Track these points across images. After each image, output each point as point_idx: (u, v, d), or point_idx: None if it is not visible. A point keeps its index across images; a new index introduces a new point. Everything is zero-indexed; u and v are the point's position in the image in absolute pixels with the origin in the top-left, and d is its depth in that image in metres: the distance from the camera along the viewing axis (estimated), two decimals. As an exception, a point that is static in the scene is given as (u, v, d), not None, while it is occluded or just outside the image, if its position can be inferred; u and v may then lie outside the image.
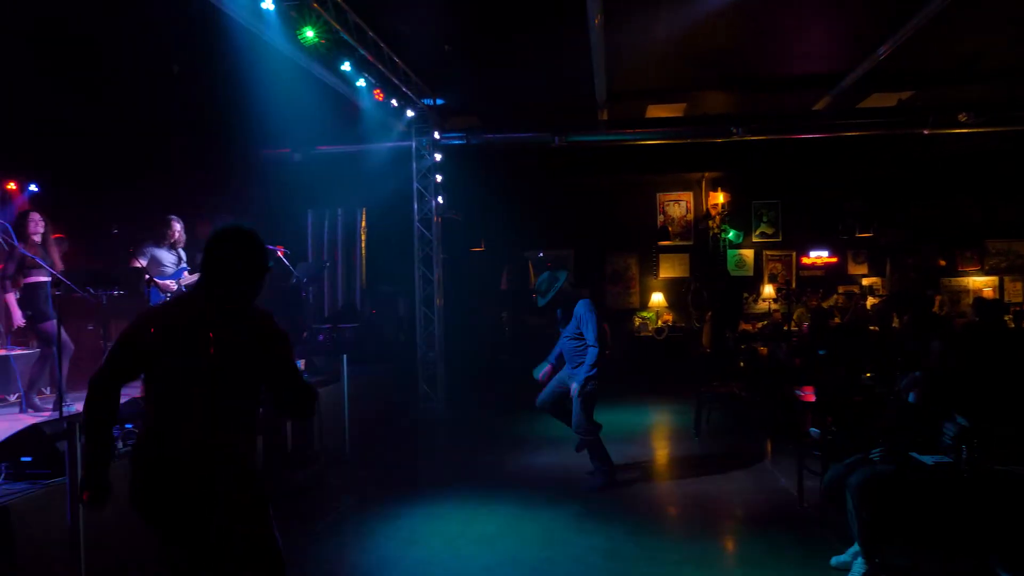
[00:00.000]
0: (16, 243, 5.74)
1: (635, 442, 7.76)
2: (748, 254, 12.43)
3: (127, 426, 4.39)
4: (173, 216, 6.86)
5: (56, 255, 6.39)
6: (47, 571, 3.37)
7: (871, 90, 9.79)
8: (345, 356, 7.24)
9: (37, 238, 6.21)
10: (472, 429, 8.66)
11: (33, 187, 9.50)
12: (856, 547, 4.16)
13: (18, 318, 6.29)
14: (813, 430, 6.16)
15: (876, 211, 12.08)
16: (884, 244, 12.07)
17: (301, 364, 2.71)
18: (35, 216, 6.24)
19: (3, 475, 3.62)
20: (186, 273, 6.83)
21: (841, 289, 11.82)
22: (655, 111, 10.80)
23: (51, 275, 5.71)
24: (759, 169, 12.03)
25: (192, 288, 2.69)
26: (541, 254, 12.43)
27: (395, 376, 9.53)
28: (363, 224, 11.61)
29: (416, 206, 10.10)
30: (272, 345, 2.63)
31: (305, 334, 9.01)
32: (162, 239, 6.76)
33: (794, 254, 12.38)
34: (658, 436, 8.37)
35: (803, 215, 12.29)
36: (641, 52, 8.31)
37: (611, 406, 9.74)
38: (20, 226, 6.18)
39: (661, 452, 7.62)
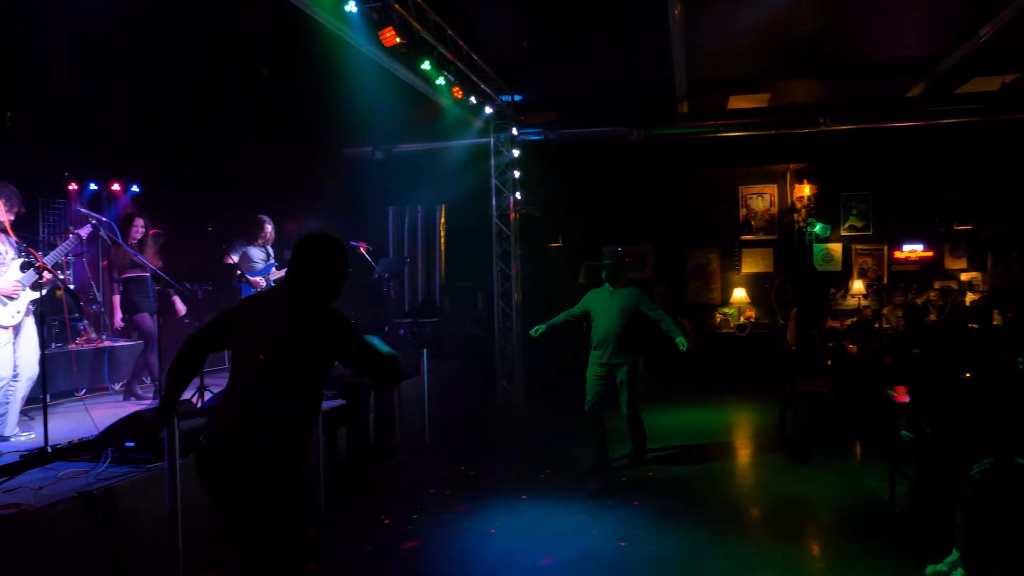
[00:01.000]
0: (120, 241, 6.07)
1: (716, 441, 7.61)
2: (836, 248, 11.97)
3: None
4: (264, 215, 7.14)
5: (151, 252, 6.73)
6: (148, 548, 3.57)
7: (971, 74, 9.25)
8: (425, 350, 7.36)
9: (138, 238, 6.57)
10: (550, 424, 8.67)
11: (135, 188, 10.06)
12: (954, 556, 3.96)
13: (117, 320, 6.67)
14: (906, 432, 5.90)
15: (976, 202, 11.40)
16: (985, 237, 11.39)
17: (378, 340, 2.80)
18: (139, 221, 6.62)
19: (109, 459, 3.86)
20: (274, 269, 7.09)
21: (937, 285, 11.22)
22: (737, 102, 10.53)
23: (151, 271, 6.02)
24: (848, 160, 11.56)
25: (280, 284, 2.83)
26: (619, 249, 12.28)
27: (473, 371, 9.63)
28: (442, 220, 11.77)
29: (494, 202, 10.17)
30: (340, 341, 2.74)
31: (386, 328, 9.22)
32: (253, 237, 7.04)
33: (886, 248, 11.85)
34: (740, 436, 8.18)
35: (896, 207, 11.73)
36: (722, 42, 8.11)
37: (692, 404, 9.60)
38: (124, 228, 6.55)
39: (743, 452, 7.44)
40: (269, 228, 7.14)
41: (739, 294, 12.04)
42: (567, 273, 12.15)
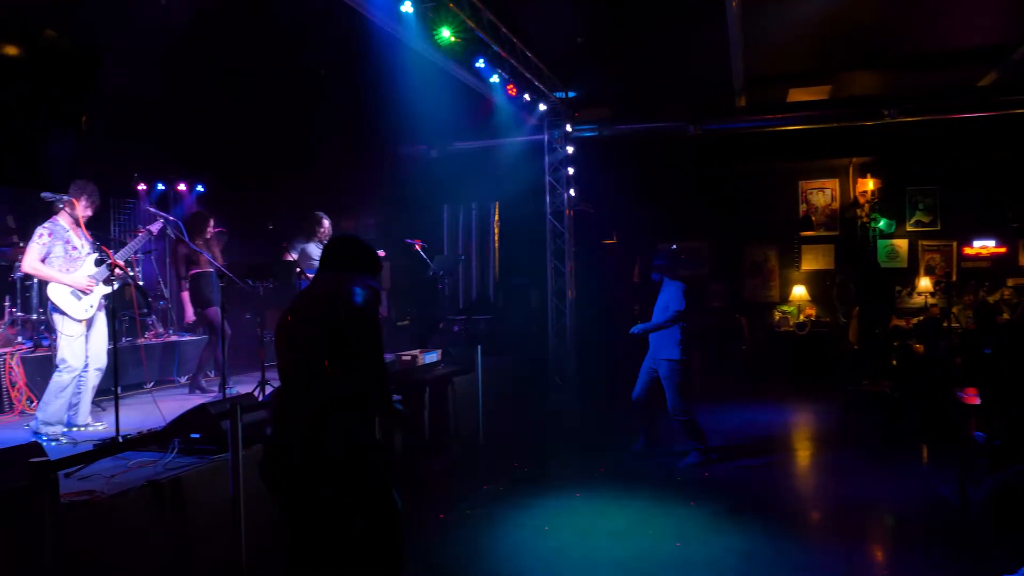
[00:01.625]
0: (186, 239, 6.27)
1: (775, 441, 7.46)
2: (901, 244, 11.58)
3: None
4: (322, 213, 7.25)
5: (216, 249, 6.93)
6: (212, 536, 3.68)
7: (1048, 62, 8.83)
8: (479, 347, 7.41)
9: (206, 236, 6.79)
10: (604, 422, 8.62)
11: (200, 187, 10.40)
12: (1029, 564, 3.80)
13: (189, 315, 6.87)
14: (978, 434, 5.67)
15: (1054, 196, 10.89)
16: (1063, 232, 10.87)
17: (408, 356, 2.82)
18: (212, 220, 6.86)
19: (176, 450, 3.99)
20: None
21: (1011, 282, 10.75)
22: (797, 95, 10.27)
23: (215, 268, 6.20)
24: (914, 153, 11.15)
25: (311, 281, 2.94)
26: (674, 246, 12.16)
27: (527, 367, 9.64)
28: (496, 218, 11.82)
29: (548, 199, 10.16)
30: (350, 329, 2.72)
31: (441, 325, 9.30)
32: (311, 235, 7.15)
33: (955, 244, 11.40)
34: (800, 436, 7.99)
35: (965, 202, 11.27)
36: (782, 33, 7.92)
37: (750, 404, 9.43)
38: (195, 225, 6.74)
39: (803, 453, 7.27)
40: (326, 224, 7.23)
41: (798, 292, 11.76)
42: (621, 270, 12.06)
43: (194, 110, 8.69)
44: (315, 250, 7.20)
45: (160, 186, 9.95)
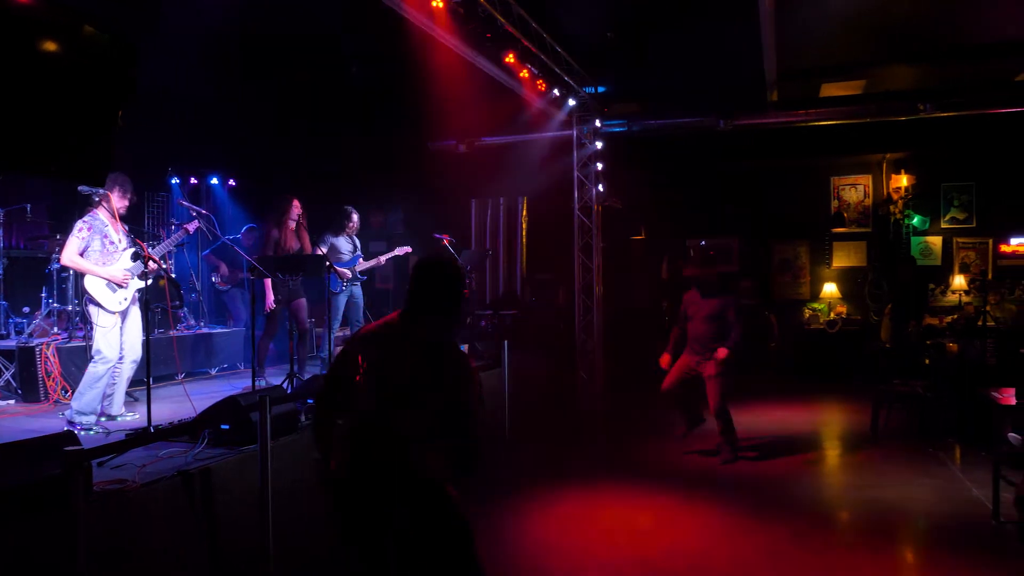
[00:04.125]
0: (219, 233, 6.31)
1: (804, 440, 7.37)
2: (935, 241, 11.37)
3: (308, 401, 4.77)
4: (350, 206, 7.30)
5: (306, 239, 6.77)
6: (240, 526, 3.74)
7: (1091, 55, 8.59)
8: (506, 342, 7.42)
9: (292, 224, 6.69)
10: (630, 419, 8.59)
11: (232, 181, 10.53)
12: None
13: (271, 302, 6.83)
14: (1013, 436, 5.55)
15: (1095, 192, 10.61)
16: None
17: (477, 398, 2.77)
18: (296, 202, 6.69)
19: (206, 440, 4.06)
20: (360, 260, 7.28)
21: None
22: (830, 90, 10.11)
23: (245, 261, 6.26)
24: (949, 149, 10.93)
25: (400, 316, 2.81)
26: (703, 242, 12.06)
27: (554, 363, 9.64)
28: (524, 213, 11.82)
29: (576, 194, 10.13)
30: (449, 373, 2.70)
31: (468, 320, 9.33)
32: (340, 228, 7.21)
33: (991, 241, 11.15)
34: (830, 435, 7.90)
35: (1002, 198, 11.01)
36: (815, 27, 7.80)
37: (779, 402, 9.33)
38: (281, 209, 6.66)
39: (832, 452, 7.18)
40: (355, 218, 7.28)
41: (829, 289, 11.60)
42: (649, 266, 11.98)
43: (226, 104, 8.80)
44: (344, 244, 7.27)
45: (192, 180, 10.10)
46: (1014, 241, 10.98)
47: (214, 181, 10.33)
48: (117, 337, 5.06)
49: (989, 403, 5.57)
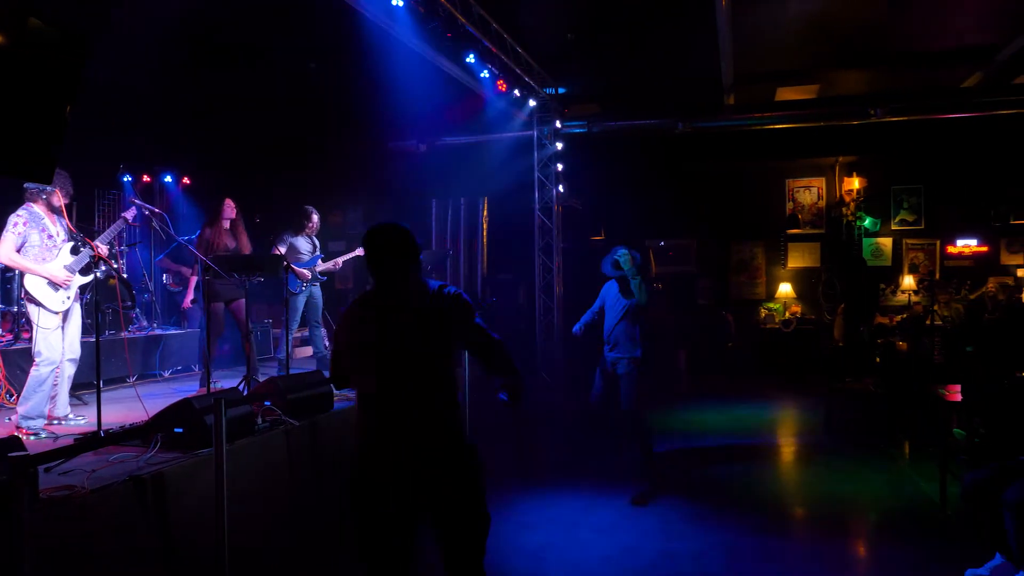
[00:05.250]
0: (172, 233, 6.17)
1: (759, 437, 7.50)
2: (886, 243, 11.68)
3: (265, 403, 4.69)
4: (310, 206, 7.20)
5: (244, 238, 6.64)
6: (195, 532, 3.66)
7: (1031, 64, 8.92)
8: (465, 342, 7.39)
9: (226, 223, 6.53)
10: (590, 418, 8.62)
11: (186, 180, 10.32)
12: (997, 561, 3.85)
13: (187, 302, 6.64)
14: (958, 431, 5.73)
15: (1036, 195, 11.01)
16: (1045, 231, 11.00)
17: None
18: (229, 202, 6.56)
19: (159, 445, 3.96)
20: (320, 260, 7.18)
21: (992, 280, 10.87)
22: (785, 94, 10.32)
23: (200, 261, 6.12)
24: (899, 153, 11.24)
25: (373, 288, 2.90)
26: (662, 243, 12.20)
27: (514, 363, 9.64)
28: (485, 213, 11.81)
29: (537, 195, 10.16)
30: (446, 312, 2.83)
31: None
32: (300, 228, 7.10)
33: (938, 243, 11.50)
34: (785, 433, 8.05)
35: (949, 201, 11.37)
36: (770, 32, 7.96)
37: (735, 401, 9.47)
38: (212, 211, 6.54)
39: (787, 449, 7.32)
40: (316, 218, 7.18)
41: (784, 289, 11.83)
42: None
43: (181, 102, 8.63)
44: (304, 244, 7.15)
45: (145, 177, 9.86)
46: (960, 242, 11.35)
47: (168, 179, 10.11)
48: (58, 338, 4.88)
49: (937, 400, 5.74)
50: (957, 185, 11.26)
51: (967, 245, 11.33)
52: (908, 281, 11.20)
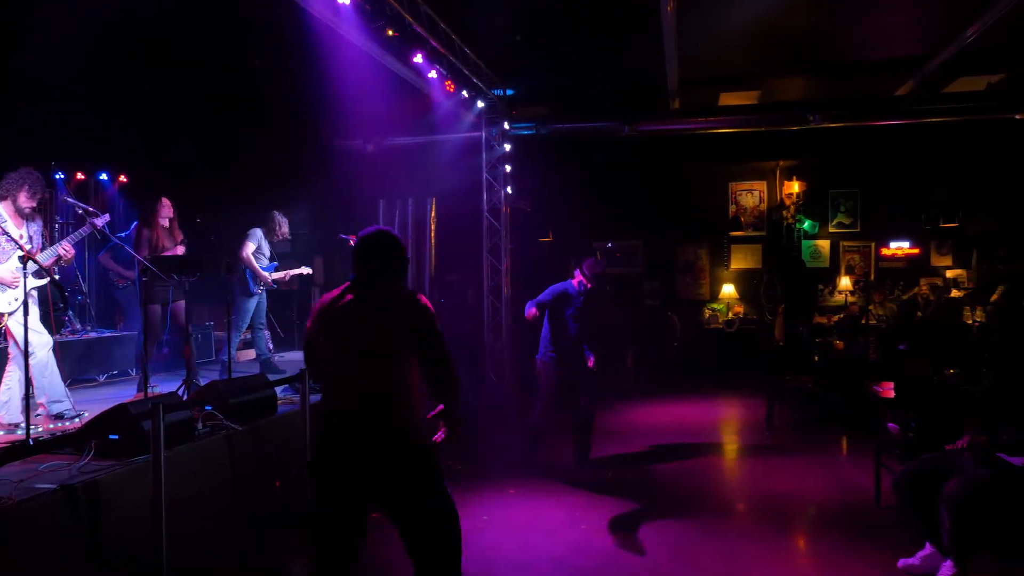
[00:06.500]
0: (108, 234, 5.95)
1: (704, 436, 7.64)
2: (824, 245, 12.03)
3: (206, 408, 4.58)
4: (279, 214, 7.22)
5: (180, 239, 6.49)
6: (131, 542, 3.54)
7: (958, 74, 9.29)
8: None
9: (164, 223, 6.38)
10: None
11: (123, 178, 9.98)
12: (927, 550, 4.01)
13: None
14: (892, 426, 5.93)
15: (963, 200, 11.50)
16: (971, 234, 11.49)
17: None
18: (166, 201, 6.42)
19: (92, 452, 3.81)
20: (274, 270, 7.11)
21: (923, 281, 11.31)
22: (728, 99, 10.54)
23: (138, 262, 5.94)
24: (836, 157, 11.61)
25: (353, 281, 3.04)
26: (610, 244, 12.33)
27: (463, 365, 9.60)
28: (433, 214, 11.74)
29: (485, 196, 10.15)
30: (410, 317, 2.94)
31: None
32: (269, 233, 7.15)
33: (873, 245, 11.92)
34: (728, 431, 8.21)
35: (883, 205, 11.80)
36: (714, 39, 8.11)
37: (680, 400, 9.63)
38: (151, 209, 6.38)
39: (731, 447, 7.47)
40: (285, 227, 7.35)
41: (728, 290, 12.08)
42: (557, 268, 12.13)
43: (118, 98, 8.34)
44: (267, 248, 7.18)
45: (80, 175, 9.51)
46: (893, 245, 11.78)
47: (103, 177, 9.76)
48: (40, 327, 4.85)
49: (871, 396, 5.94)
50: (891, 189, 11.68)
51: (900, 247, 11.77)
52: (845, 282, 11.57)
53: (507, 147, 10.09)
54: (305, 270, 7.52)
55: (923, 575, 3.98)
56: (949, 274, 11.54)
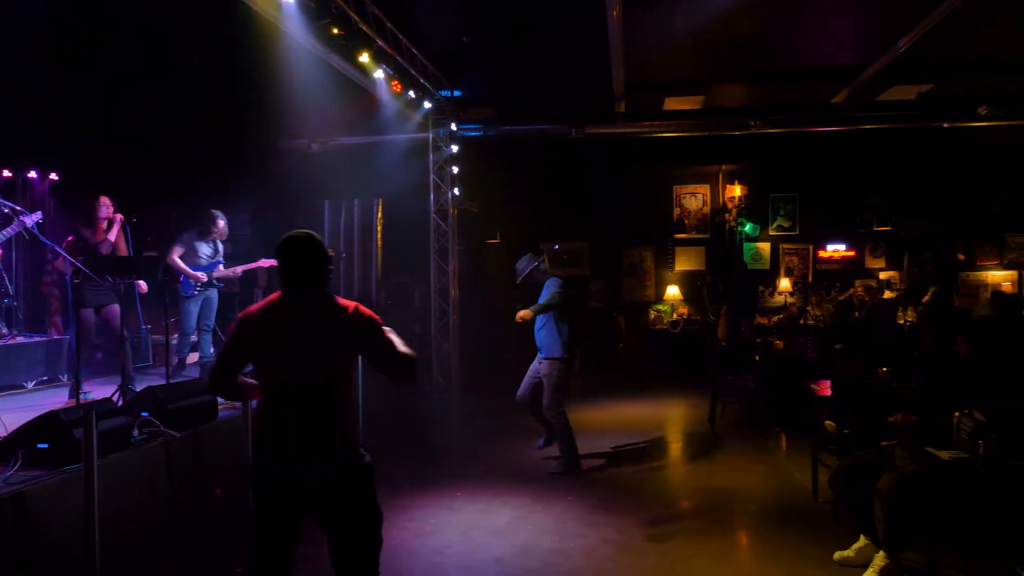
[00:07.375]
0: (37, 234, 5.74)
1: (648, 435, 7.74)
2: (765, 247, 12.34)
3: (142, 414, 4.44)
4: (218, 212, 7.02)
5: (122, 239, 6.29)
6: (62, 556, 3.41)
7: (891, 82, 9.66)
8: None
9: (103, 223, 6.19)
10: (486, 420, 8.66)
11: (53, 176, 9.61)
12: (862, 542, 4.15)
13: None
14: (828, 424, 6.11)
15: (896, 204, 11.95)
16: (903, 238, 11.94)
17: (394, 337, 3.02)
18: (104, 200, 6.22)
19: (19, 462, 3.66)
20: (220, 267, 6.94)
21: (858, 283, 11.70)
22: (672, 103, 10.72)
23: (70, 264, 5.72)
24: (776, 162, 11.92)
25: (282, 294, 2.93)
26: (557, 246, 12.40)
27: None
28: (379, 215, 11.63)
29: (432, 197, 10.11)
30: (358, 329, 2.91)
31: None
32: (205, 232, 6.96)
33: (811, 247, 12.27)
34: (672, 429, 8.34)
35: (821, 208, 12.17)
36: (659, 44, 8.25)
37: (625, 400, 9.75)
38: (87, 209, 6.18)
39: (675, 445, 7.60)
40: (222, 224, 7.10)
41: (672, 291, 12.28)
42: (505, 269, 12.15)
43: (49, 93, 8.02)
44: (205, 248, 7.01)
45: (6, 172, 9.11)
46: (830, 247, 12.17)
47: (32, 174, 9.38)
48: None
49: (809, 395, 6.11)
50: (828, 194, 12.05)
51: (836, 250, 12.16)
52: (784, 283, 11.88)
53: (454, 148, 10.07)
54: (265, 263, 7.31)
55: (858, 567, 4.10)
56: (882, 276, 11.96)
